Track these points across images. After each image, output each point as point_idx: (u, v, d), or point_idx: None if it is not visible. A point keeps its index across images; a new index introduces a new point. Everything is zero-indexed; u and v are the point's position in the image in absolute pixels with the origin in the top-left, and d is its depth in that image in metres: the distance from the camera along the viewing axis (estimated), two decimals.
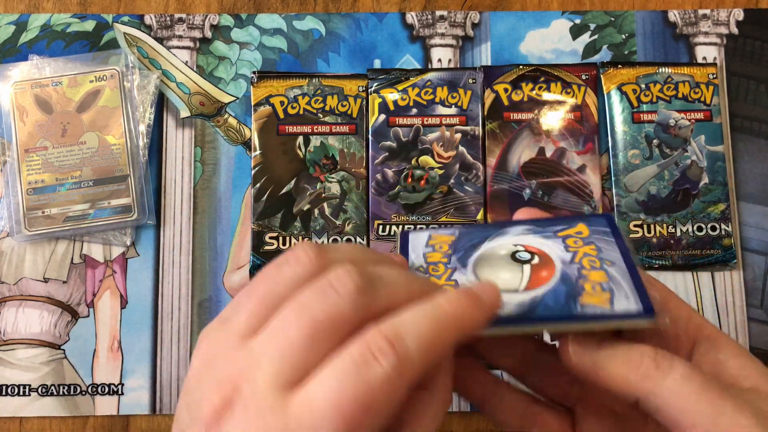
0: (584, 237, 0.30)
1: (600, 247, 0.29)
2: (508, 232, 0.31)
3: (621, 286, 0.27)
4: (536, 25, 0.57)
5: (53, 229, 0.53)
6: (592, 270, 0.28)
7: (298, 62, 0.57)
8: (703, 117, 0.55)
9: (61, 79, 0.55)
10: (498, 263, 0.30)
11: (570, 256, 0.29)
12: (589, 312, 0.26)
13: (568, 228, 0.30)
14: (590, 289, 0.27)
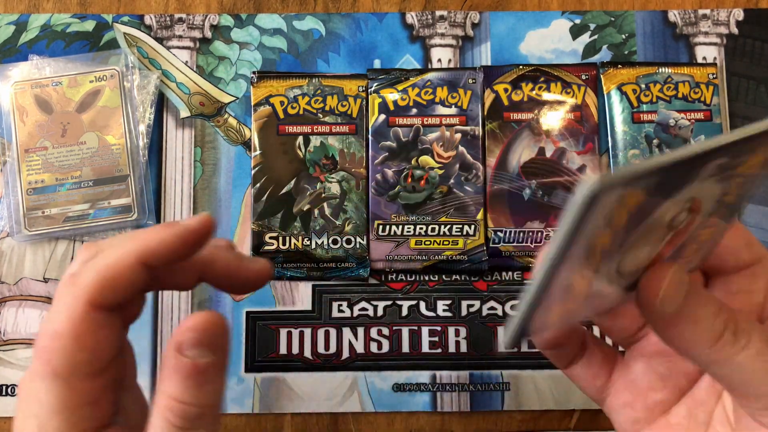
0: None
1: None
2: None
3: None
4: (536, 25, 0.57)
5: (53, 230, 0.53)
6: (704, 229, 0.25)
7: (298, 62, 0.57)
8: (703, 117, 0.55)
9: (61, 79, 0.55)
10: (638, 241, 0.24)
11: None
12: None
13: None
14: (695, 248, 0.25)
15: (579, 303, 0.25)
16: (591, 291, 0.24)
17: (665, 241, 0.24)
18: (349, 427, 0.52)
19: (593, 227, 0.20)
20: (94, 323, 0.25)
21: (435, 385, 0.52)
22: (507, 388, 0.52)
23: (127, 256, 0.25)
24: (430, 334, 0.53)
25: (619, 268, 0.23)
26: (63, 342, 0.25)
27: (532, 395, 0.52)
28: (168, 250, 0.26)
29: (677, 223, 0.23)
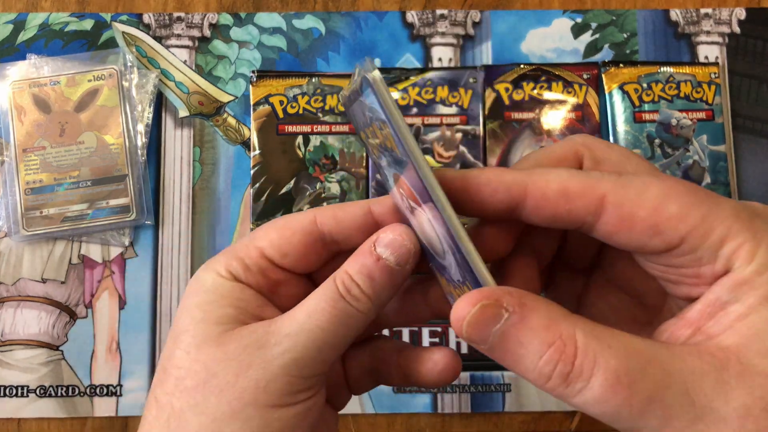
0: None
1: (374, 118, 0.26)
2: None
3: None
4: (537, 24, 0.57)
5: (51, 230, 0.53)
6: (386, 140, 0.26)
7: (297, 61, 0.57)
8: (705, 116, 0.55)
9: (59, 78, 0.54)
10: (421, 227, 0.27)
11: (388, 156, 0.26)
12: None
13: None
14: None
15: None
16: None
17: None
18: (349, 428, 0.52)
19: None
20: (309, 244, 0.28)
21: None
22: (508, 389, 0.52)
23: (356, 205, 0.28)
24: (431, 335, 0.53)
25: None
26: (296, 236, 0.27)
27: (532, 396, 0.52)
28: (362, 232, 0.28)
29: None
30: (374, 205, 0.27)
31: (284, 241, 0.27)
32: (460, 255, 0.23)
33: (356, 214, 0.27)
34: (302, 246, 0.27)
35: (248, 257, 0.27)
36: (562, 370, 0.21)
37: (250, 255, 0.27)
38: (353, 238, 0.27)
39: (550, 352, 0.21)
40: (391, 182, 0.28)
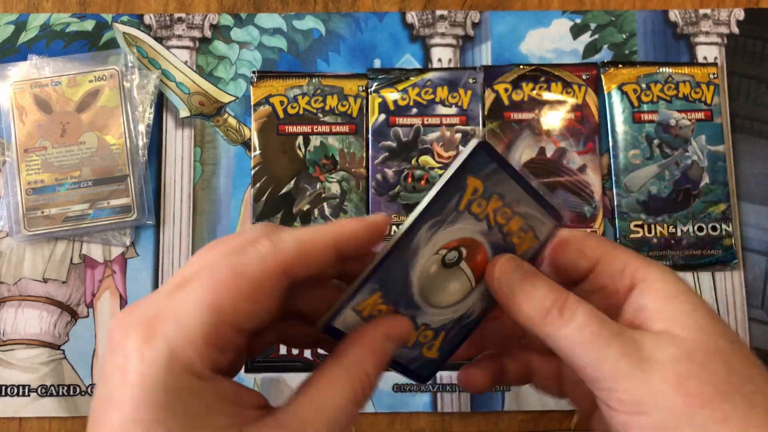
0: (482, 192, 0.29)
1: (500, 193, 0.29)
2: (419, 245, 0.29)
3: (535, 217, 0.30)
4: (537, 24, 0.57)
5: (52, 230, 0.53)
6: (509, 221, 0.30)
7: (297, 62, 0.57)
8: (703, 117, 0.55)
9: (60, 78, 0.55)
10: (439, 281, 0.30)
11: (485, 224, 0.29)
12: (528, 254, 0.31)
13: (462, 193, 0.28)
14: (518, 240, 0.30)
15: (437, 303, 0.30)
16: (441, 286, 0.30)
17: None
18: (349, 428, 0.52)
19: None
20: (276, 288, 0.26)
21: (435, 385, 0.52)
22: (507, 388, 0.52)
23: (324, 238, 0.27)
24: None
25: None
26: (244, 286, 0.25)
27: (532, 396, 0.52)
28: (358, 241, 0.28)
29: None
30: (341, 242, 0.27)
31: (248, 302, 0.25)
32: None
33: (324, 253, 0.27)
34: (270, 297, 0.26)
35: (214, 336, 0.24)
36: (558, 305, 0.28)
37: (215, 332, 0.24)
38: (319, 275, 0.28)
39: (552, 294, 0.29)
40: (429, 249, 0.29)
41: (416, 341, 0.31)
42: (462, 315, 0.31)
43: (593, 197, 0.54)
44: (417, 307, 0.30)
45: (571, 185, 0.54)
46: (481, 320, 0.32)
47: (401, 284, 0.29)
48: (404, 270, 0.29)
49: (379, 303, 0.29)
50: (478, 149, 0.28)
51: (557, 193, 0.54)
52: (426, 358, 0.32)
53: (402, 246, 0.28)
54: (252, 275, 0.25)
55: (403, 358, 0.32)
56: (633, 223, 0.54)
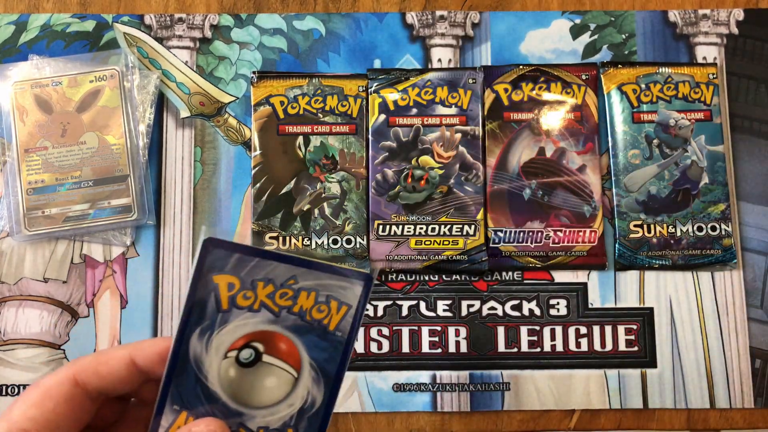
0: (241, 284, 0.29)
1: (265, 278, 0.29)
2: (198, 355, 0.28)
3: (330, 285, 0.29)
4: (536, 25, 0.57)
5: (53, 229, 0.53)
6: (296, 301, 0.29)
7: (298, 62, 0.57)
8: (703, 117, 0.55)
9: (60, 79, 0.55)
10: (248, 382, 0.29)
11: (268, 313, 0.29)
12: (348, 324, 0.30)
13: (216, 293, 0.28)
14: (321, 314, 0.29)
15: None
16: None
17: None
18: (349, 427, 0.52)
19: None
20: (68, 396, 0.27)
21: (435, 385, 0.52)
22: (507, 388, 0.52)
23: (121, 350, 0.28)
24: (430, 334, 0.53)
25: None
26: (34, 394, 0.26)
27: (532, 395, 0.52)
28: (154, 354, 0.28)
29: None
30: (137, 355, 0.28)
31: (47, 413, 0.26)
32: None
33: (119, 367, 0.27)
34: (68, 412, 0.26)
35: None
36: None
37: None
38: (121, 388, 0.28)
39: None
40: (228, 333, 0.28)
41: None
42: (302, 407, 0.29)
43: (593, 197, 0.54)
44: (239, 413, 0.29)
45: (570, 185, 0.54)
46: (332, 403, 0.30)
47: (204, 397, 0.28)
48: (198, 383, 0.28)
49: (192, 422, 0.29)
50: (206, 246, 0.27)
51: (557, 193, 0.54)
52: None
53: (177, 362, 0.28)
54: (42, 384, 0.26)
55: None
56: (632, 223, 0.54)
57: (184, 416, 0.28)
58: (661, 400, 0.52)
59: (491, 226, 0.54)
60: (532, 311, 0.53)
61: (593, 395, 0.52)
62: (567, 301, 0.53)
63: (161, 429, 0.28)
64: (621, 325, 0.53)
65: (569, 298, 0.53)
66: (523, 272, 0.54)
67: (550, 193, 0.54)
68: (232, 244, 0.28)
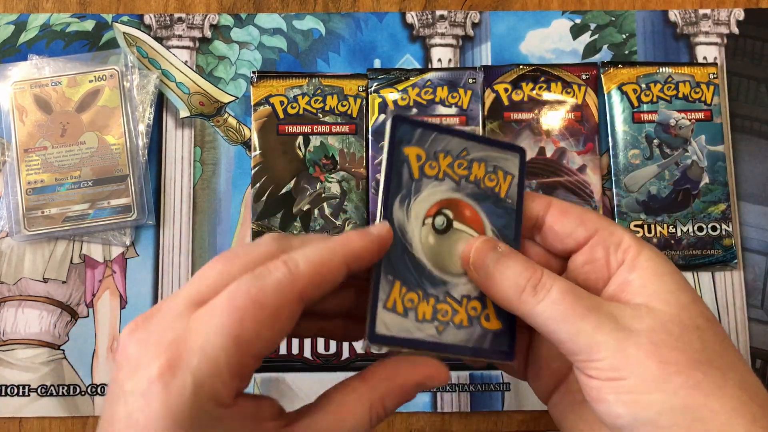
0: (426, 155, 0.30)
1: (444, 150, 0.31)
2: (402, 223, 0.30)
3: (495, 157, 0.32)
4: (536, 24, 0.57)
5: (53, 229, 0.53)
6: (471, 170, 0.32)
7: (297, 62, 0.57)
8: (703, 117, 0.55)
9: (60, 78, 0.55)
10: (445, 249, 0.30)
11: (451, 182, 0.31)
12: (514, 192, 0.32)
13: (407, 163, 0.30)
14: (492, 182, 0.32)
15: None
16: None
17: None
18: None
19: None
20: (294, 314, 0.26)
21: None
22: (507, 388, 0.52)
23: (336, 258, 0.27)
24: None
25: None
26: (265, 317, 0.25)
27: (532, 395, 0.52)
28: (367, 256, 0.28)
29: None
30: (348, 259, 0.27)
31: (268, 329, 0.26)
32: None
33: (337, 279, 0.27)
34: (287, 322, 0.26)
35: (237, 364, 0.25)
36: (532, 282, 0.29)
37: (240, 361, 0.25)
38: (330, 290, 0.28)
39: (526, 273, 0.29)
40: (421, 206, 0.30)
41: (468, 317, 0.31)
42: None
43: (593, 197, 0.54)
44: (443, 282, 0.30)
45: (570, 185, 0.54)
46: None
47: (412, 266, 0.30)
48: (405, 252, 0.30)
49: (405, 292, 0.29)
50: (395, 123, 0.30)
51: (557, 193, 0.54)
52: (491, 331, 0.31)
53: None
54: (272, 305, 0.25)
55: (471, 343, 0.31)
56: (633, 223, 0.54)
57: (398, 287, 0.29)
58: None
59: None
60: None
61: None
62: None
63: (380, 303, 0.29)
64: None
65: None
66: None
67: (550, 193, 0.54)
68: (415, 121, 0.30)
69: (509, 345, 0.32)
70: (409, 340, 0.29)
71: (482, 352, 0.31)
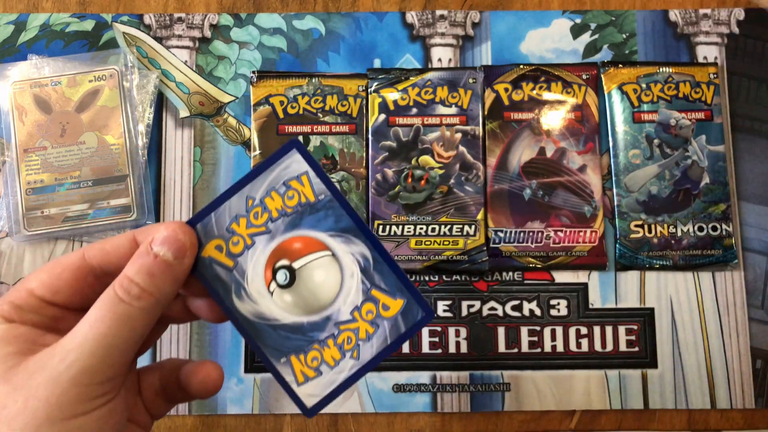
0: (223, 238, 0.30)
1: (228, 223, 0.30)
2: (265, 316, 0.30)
3: (260, 182, 0.30)
4: (537, 24, 0.57)
5: (52, 230, 0.53)
6: (263, 210, 0.30)
7: (297, 62, 0.57)
8: (703, 117, 0.55)
9: (60, 78, 0.55)
10: (306, 293, 0.30)
11: (266, 235, 0.30)
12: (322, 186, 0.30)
13: (215, 263, 0.30)
14: (292, 200, 0.30)
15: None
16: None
17: None
18: (349, 428, 0.52)
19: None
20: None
21: (435, 385, 0.52)
22: (507, 388, 0.52)
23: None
24: (431, 334, 0.53)
25: None
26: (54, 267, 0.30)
27: (532, 396, 0.52)
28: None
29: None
30: (138, 235, 0.29)
31: (54, 279, 0.28)
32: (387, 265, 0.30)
33: (122, 244, 0.29)
34: (73, 281, 0.29)
35: (18, 299, 0.28)
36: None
37: (20, 296, 0.28)
38: (122, 267, 0.28)
39: None
40: (261, 250, 0.29)
41: (370, 322, 0.30)
42: (362, 268, 0.30)
43: (593, 197, 0.54)
44: (327, 318, 0.30)
45: (571, 185, 0.54)
46: (379, 245, 0.31)
47: (291, 333, 0.30)
48: (276, 329, 0.30)
49: (304, 358, 0.30)
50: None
51: (557, 193, 0.54)
52: (397, 313, 0.30)
53: (247, 331, 0.30)
54: (58, 258, 0.29)
55: (391, 338, 0.30)
56: (633, 223, 0.54)
57: (294, 359, 0.29)
58: (662, 401, 0.52)
59: (491, 226, 0.54)
60: (533, 311, 0.53)
61: (594, 396, 0.52)
62: (567, 302, 0.53)
63: (292, 384, 0.29)
64: (621, 326, 0.53)
65: (570, 298, 0.53)
66: (524, 272, 0.54)
67: (550, 193, 0.54)
68: (189, 221, 0.29)
69: (422, 308, 0.30)
70: (338, 387, 0.29)
71: (405, 335, 0.30)
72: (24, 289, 0.28)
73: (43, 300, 0.28)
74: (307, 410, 0.29)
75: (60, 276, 0.28)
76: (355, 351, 0.30)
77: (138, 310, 0.27)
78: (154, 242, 0.28)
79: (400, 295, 0.30)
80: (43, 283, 0.28)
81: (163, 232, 0.28)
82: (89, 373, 0.26)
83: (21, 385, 0.26)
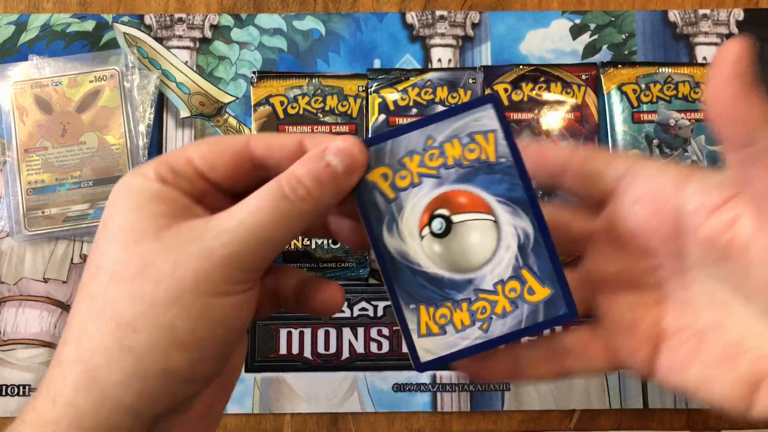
0: (392, 170, 0.29)
1: (406, 153, 0.29)
2: (401, 248, 0.29)
3: (463, 125, 0.29)
4: (536, 25, 0.57)
5: (53, 229, 0.53)
6: (444, 156, 0.29)
7: (298, 62, 0.57)
8: (703, 117, 0.55)
9: (60, 79, 0.55)
10: (457, 249, 0.29)
11: (433, 180, 0.29)
12: (501, 146, 0.29)
13: (377, 187, 0.29)
14: (474, 154, 0.29)
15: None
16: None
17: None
18: (349, 427, 0.52)
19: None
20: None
21: (435, 385, 0.52)
22: (507, 387, 0.52)
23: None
24: None
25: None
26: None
27: (532, 395, 0.52)
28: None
29: None
30: (307, 140, 0.28)
31: (215, 155, 0.28)
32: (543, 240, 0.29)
33: (288, 143, 0.28)
34: (232, 162, 0.28)
35: (177, 163, 0.28)
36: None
37: (179, 162, 0.28)
38: (282, 165, 0.28)
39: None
40: (417, 203, 0.29)
41: (510, 300, 0.29)
42: (519, 244, 0.29)
43: None
44: (468, 281, 0.28)
45: None
46: (545, 226, 0.29)
47: (429, 284, 0.29)
48: (415, 274, 0.28)
49: (434, 312, 0.29)
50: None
51: (557, 192, 0.54)
52: (541, 301, 0.29)
53: (386, 265, 0.29)
54: (225, 136, 0.29)
55: (525, 323, 0.29)
56: None
57: (423, 310, 0.28)
58: (662, 400, 0.52)
59: None
60: None
61: (593, 395, 0.52)
62: None
63: (413, 333, 0.28)
64: None
65: None
66: None
67: (550, 194, 0.54)
68: (366, 141, 0.28)
69: (567, 304, 0.29)
70: (456, 353, 0.28)
71: (541, 325, 0.29)
72: (183, 156, 0.28)
73: (198, 172, 0.28)
74: (420, 364, 0.28)
75: (221, 153, 0.28)
76: (486, 323, 0.29)
77: (298, 211, 0.26)
78: (328, 150, 0.27)
79: (549, 285, 0.29)
80: (203, 156, 0.28)
81: (340, 144, 0.27)
82: (240, 258, 0.26)
83: (173, 248, 0.25)
